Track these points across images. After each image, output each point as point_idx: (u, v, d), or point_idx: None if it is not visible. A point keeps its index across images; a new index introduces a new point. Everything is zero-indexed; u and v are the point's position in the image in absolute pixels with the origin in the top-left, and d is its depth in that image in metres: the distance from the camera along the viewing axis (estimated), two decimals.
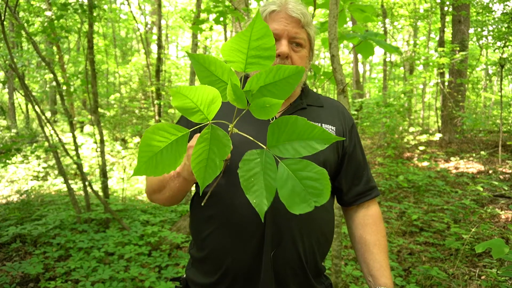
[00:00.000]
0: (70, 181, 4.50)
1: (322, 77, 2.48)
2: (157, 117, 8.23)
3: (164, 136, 0.64)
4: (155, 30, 14.97)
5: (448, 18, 10.38)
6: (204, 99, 0.64)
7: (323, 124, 1.13)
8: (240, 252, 1.03)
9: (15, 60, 3.78)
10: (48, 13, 4.58)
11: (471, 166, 7.05)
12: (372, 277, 1.12)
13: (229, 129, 0.74)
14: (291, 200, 0.67)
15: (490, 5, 9.88)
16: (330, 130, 1.14)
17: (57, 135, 4.14)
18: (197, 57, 0.65)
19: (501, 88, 7.89)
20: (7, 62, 4.50)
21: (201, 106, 0.65)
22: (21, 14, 6.95)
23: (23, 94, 4.26)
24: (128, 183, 7.15)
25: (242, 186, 0.68)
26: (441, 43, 9.83)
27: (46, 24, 4.29)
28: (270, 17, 1.10)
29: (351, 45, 2.31)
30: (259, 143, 0.71)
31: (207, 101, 0.65)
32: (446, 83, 9.11)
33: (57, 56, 7.95)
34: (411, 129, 11.44)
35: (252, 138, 0.75)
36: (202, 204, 0.87)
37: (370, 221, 1.20)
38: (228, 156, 0.83)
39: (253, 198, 0.68)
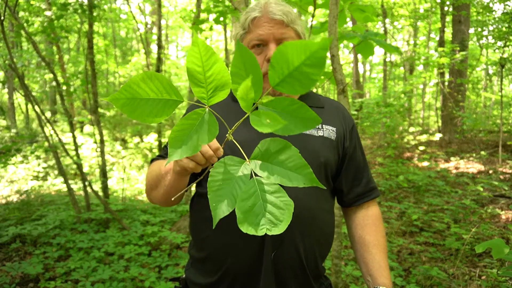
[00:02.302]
0: (70, 181, 4.50)
1: (322, 77, 2.47)
2: None
3: (157, 89, 0.63)
4: (155, 30, 14.97)
5: (448, 18, 10.38)
6: (217, 79, 0.63)
7: (324, 126, 1.13)
8: (241, 253, 1.03)
9: (15, 60, 3.77)
10: (48, 13, 4.58)
11: (471, 166, 7.05)
12: (371, 277, 1.12)
13: (227, 135, 0.73)
14: (245, 217, 0.65)
15: (491, 5, 9.88)
16: (331, 131, 1.14)
17: (57, 135, 4.13)
18: (244, 50, 0.63)
19: (501, 88, 7.88)
20: (6, 62, 4.50)
21: (209, 85, 0.64)
22: (21, 14, 6.94)
23: (23, 94, 4.26)
24: (128, 183, 7.15)
25: (208, 185, 0.66)
26: (441, 43, 9.82)
27: (46, 24, 4.29)
28: (253, 24, 1.10)
29: (351, 45, 2.31)
30: (245, 156, 0.69)
31: (216, 83, 0.63)
32: (446, 83, 9.11)
33: (57, 56, 7.95)
34: (411, 129, 11.44)
35: (242, 151, 0.73)
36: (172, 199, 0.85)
37: (369, 221, 1.20)
38: (217, 151, 0.83)
39: (213, 202, 0.66)
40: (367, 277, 1.13)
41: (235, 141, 0.75)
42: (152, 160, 1.23)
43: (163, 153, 1.21)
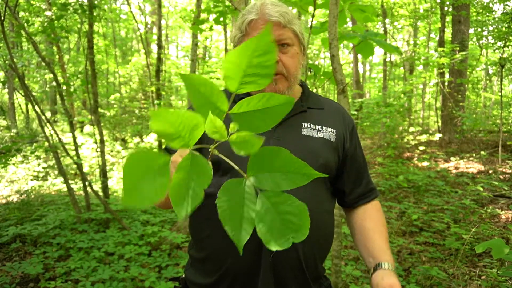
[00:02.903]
0: (70, 181, 4.50)
1: (322, 77, 2.48)
2: None
3: (146, 165, 0.61)
4: (155, 30, 14.96)
5: (448, 18, 10.38)
6: (187, 124, 0.61)
7: (323, 127, 1.13)
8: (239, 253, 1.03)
9: (15, 60, 3.78)
10: (48, 13, 4.58)
11: (471, 166, 7.05)
12: (372, 257, 1.11)
13: (209, 149, 0.71)
14: (270, 235, 0.65)
15: (490, 5, 9.87)
16: (331, 133, 1.14)
17: (57, 135, 4.13)
18: (189, 77, 0.63)
19: (501, 88, 7.89)
20: (7, 62, 4.50)
21: (182, 132, 0.62)
22: (21, 14, 6.94)
23: (23, 94, 4.26)
24: None
25: (220, 217, 0.65)
26: (441, 43, 9.83)
27: (46, 24, 4.29)
28: (250, 26, 1.09)
29: (351, 45, 2.31)
30: (240, 171, 0.68)
31: (189, 127, 0.62)
32: (446, 83, 9.11)
33: (57, 56, 7.96)
34: (411, 129, 11.44)
35: (233, 164, 0.70)
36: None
37: (369, 212, 1.21)
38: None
39: (231, 230, 0.66)
40: (368, 258, 1.12)
41: (220, 155, 0.72)
42: None
43: None
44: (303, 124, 1.12)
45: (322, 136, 1.12)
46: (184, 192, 0.63)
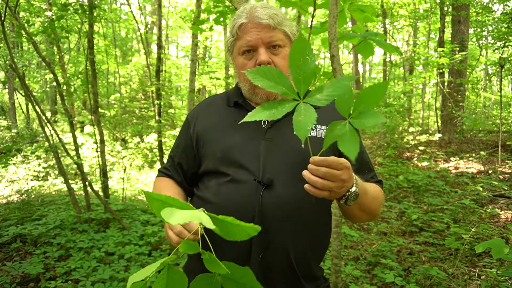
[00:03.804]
0: (70, 181, 4.50)
1: (322, 77, 2.48)
2: (157, 117, 8.23)
3: None
4: (155, 30, 14.96)
5: (448, 18, 10.38)
6: None
7: (317, 125, 1.13)
8: (230, 253, 1.04)
9: (15, 60, 3.78)
10: (49, 13, 4.58)
11: (471, 166, 7.06)
12: None
13: (198, 228, 0.84)
14: None
15: (490, 5, 9.87)
16: (324, 131, 1.14)
17: (58, 135, 4.14)
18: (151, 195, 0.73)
19: (500, 88, 7.89)
20: (7, 62, 4.50)
21: None
22: (22, 14, 6.95)
23: (23, 94, 4.26)
24: (128, 183, 7.15)
25: None
26: (441, 43, 9.83)
27: (46, 24, 4.29)
28: (240, 30, 1.11)
29: (351, 45, 2.32)
30: (219, 263, 0.76)
31: None
32: (446, 83, 9.11)
33: (57, 56, 7.96)
34: (411, 129, 11.44)
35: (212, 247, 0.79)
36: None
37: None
38: None
39: None
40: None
41: (205, 235, 0.81)
42: (159, 172, 1.28)
43: (167, 165, 1.26)
44: None
45: (315, 134, 1.12)
46: None
